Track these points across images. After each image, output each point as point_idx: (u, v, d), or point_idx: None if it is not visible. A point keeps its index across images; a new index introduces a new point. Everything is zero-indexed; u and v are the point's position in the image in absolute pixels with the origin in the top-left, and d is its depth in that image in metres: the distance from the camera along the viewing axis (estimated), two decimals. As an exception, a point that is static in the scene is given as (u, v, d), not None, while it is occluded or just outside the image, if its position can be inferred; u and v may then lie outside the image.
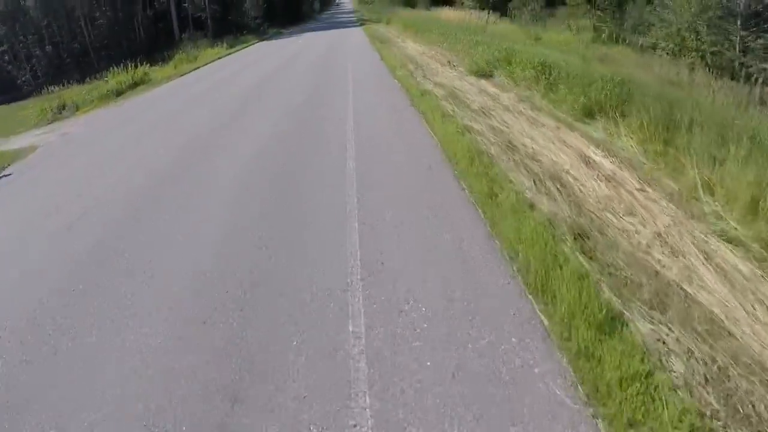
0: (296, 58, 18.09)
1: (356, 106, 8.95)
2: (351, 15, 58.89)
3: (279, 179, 5.76)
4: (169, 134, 8.86)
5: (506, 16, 24.79)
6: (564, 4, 25.61)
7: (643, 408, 2.23)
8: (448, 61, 12.50)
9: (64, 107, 14.30)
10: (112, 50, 37.60)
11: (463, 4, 29.71)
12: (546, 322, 2.88)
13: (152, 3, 40.07)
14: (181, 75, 17.84)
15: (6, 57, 33.79)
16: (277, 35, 35.29)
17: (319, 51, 19.55)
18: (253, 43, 28.24)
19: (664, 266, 3.31)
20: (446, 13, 28.59)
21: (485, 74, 10.32)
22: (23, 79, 34.41)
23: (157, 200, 5.56)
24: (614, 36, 17.04)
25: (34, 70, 36.19)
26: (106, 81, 18.01)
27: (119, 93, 15.77)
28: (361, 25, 33.73)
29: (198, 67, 19.84)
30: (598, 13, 17.27)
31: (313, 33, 31.38)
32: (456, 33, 15.79)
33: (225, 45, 26.55)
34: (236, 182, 5.80)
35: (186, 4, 40.89)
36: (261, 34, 38.02)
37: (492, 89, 9.24)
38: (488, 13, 18.48)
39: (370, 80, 11.67)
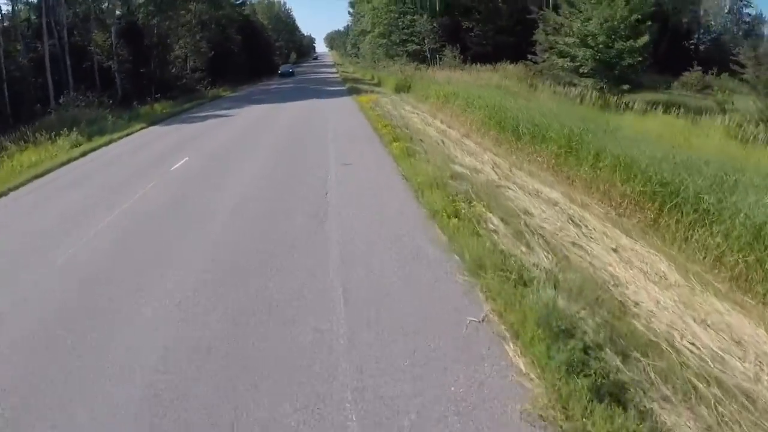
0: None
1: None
2: (332, 71, 46.08)
3: None
4: None
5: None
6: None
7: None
8: None
9: None
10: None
11: (543, 61, 16.83)
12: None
13: (34, 46, 26.00)
14: None
15: None
16: (209, 103, 21.87)
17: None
18: (138, 130, 14.37)
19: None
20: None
21: None
22: None
23: None
24: None
25: None
26: None
27: None
28: (352, 93, 20.53)
29: None
30: None
31: (263, 108, 18.04)
32: None
33: (75, 136, 12.89)
34: None
35: (92, 48, 27.10)
36: (196, 98, 24.65)
37: None
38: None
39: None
